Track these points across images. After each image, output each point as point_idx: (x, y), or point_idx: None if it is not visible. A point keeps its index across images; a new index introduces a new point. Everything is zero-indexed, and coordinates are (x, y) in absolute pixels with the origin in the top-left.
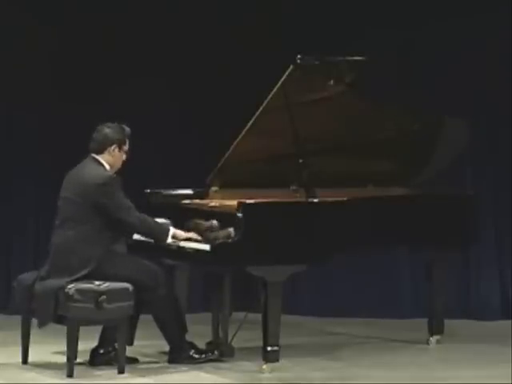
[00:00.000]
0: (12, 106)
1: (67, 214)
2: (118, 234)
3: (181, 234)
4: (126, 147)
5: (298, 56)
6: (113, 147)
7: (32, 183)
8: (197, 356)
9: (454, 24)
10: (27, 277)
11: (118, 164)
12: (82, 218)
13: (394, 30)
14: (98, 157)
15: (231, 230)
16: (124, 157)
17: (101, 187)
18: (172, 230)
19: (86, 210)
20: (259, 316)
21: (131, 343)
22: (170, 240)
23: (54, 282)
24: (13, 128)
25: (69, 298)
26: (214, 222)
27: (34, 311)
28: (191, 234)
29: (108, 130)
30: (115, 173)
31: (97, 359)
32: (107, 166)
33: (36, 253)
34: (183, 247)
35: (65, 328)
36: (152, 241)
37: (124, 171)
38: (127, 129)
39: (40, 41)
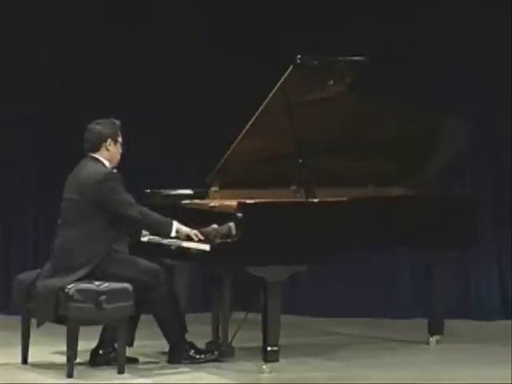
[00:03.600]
0: (12, 106)
1: (69, 214)
2: (121, 231)
3: (185, 229)
4: (120, 139)
5: (298, 56)
6: (108, 142)
7: (32, 183)
8: (197, 356)
9: (455, 24)
10: (26, 276)
11: (117, 157)
12: (84, 217)
13: (393, 29)
14: (95, 155)
15: (231, 224)
16: (120, 149)
17: (101, 183)
18: (176, 224)
19: (88, 209)
20: (259, 316)
21: (131, 344)
22: (173, 234)
23: (54, 282)
24: (13, 128)
25: (69, 298)
26: (215, 226)
27: (33, 311)
28: (194, 232)
29: (99, 126)
30: (115, 168)
31: (97, 359)
32: (106, 163)
33: (36, 253)
34: (184, 247)
35: (65, 328)
36: (155, 236)
37: (124, 171)
38: (117, 122)
39: (40, 40)
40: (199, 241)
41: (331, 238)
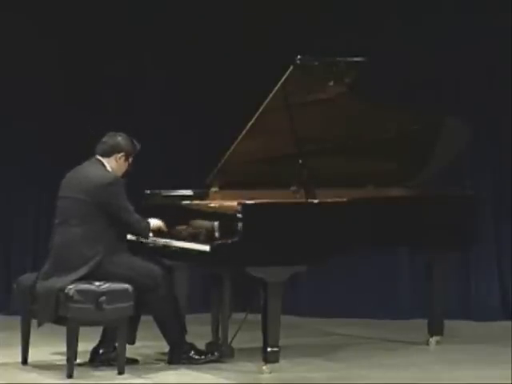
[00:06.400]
0: (13, 106)
1: (70, 213)
2: (120, 233)
3: (155, 224)
4: (130, 159)
5: (298, 56)
6: (120, 154)
7: (32, 184)
8: (197, 357)
9: (455, 23)
10: (27, 278)
11: (120, 173)
12: (87, 216)
13: (393, 29)
14: (103, 159)
15: (216, 224)
16: (126, 167)
17: (107, 187)
18: (151, 224)
19: (92, 209)
20: (259, 316)
21: (133, 342)
22: (151, 234)
23: (54, 282)
24: (13, 128)
25: (69, 298)
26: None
27: (34, 311)
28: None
29: (120, 138)
30: None
31: (97, 358)
32: (110, 170)
33: (36, 253)
34: (181, 247)
35: (65, 328)
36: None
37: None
38: (138, 145)
39: (40, 40)
40: (194, 240)
41: (331, 238)
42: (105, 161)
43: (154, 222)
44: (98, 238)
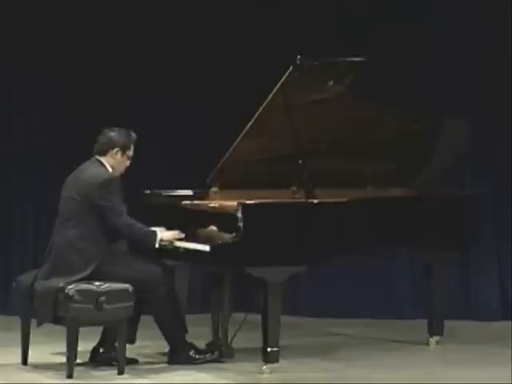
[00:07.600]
0: (13, 107)
1: (68, 213)
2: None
3: (166, 236)
4: (130, 152)
5: (298, 56)
6: (115, 150)
7: (32, 183)
8: (197, 356)
9: (455, 23)
10: (27, 278)
11: (121, 168)
12: (84, 217)
13: (393, 29)
14: (100, 158)
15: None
16: (127, 162)
17: (99, 186)
18: (159, 235)
19: (87, 209)
20: (259, 317)
21: (133, 342)
22: (157, 245)
23: (54, 282)
24: (13, 127)
25: (69, 298)
26: (213, 227)
27: (34, 312)
28: (174, 233)
29: (113, 133)
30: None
31: (97, 358)
32: (109, 169)
33: (36, 253)
34: (181, 247)
35: (65, 328)
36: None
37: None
38: (133, 134)
39: (40, 40)
40: (194, 241)
41: (331, 238)
42: (102, 159)
43: (166, 235)
44: (95, 238)
